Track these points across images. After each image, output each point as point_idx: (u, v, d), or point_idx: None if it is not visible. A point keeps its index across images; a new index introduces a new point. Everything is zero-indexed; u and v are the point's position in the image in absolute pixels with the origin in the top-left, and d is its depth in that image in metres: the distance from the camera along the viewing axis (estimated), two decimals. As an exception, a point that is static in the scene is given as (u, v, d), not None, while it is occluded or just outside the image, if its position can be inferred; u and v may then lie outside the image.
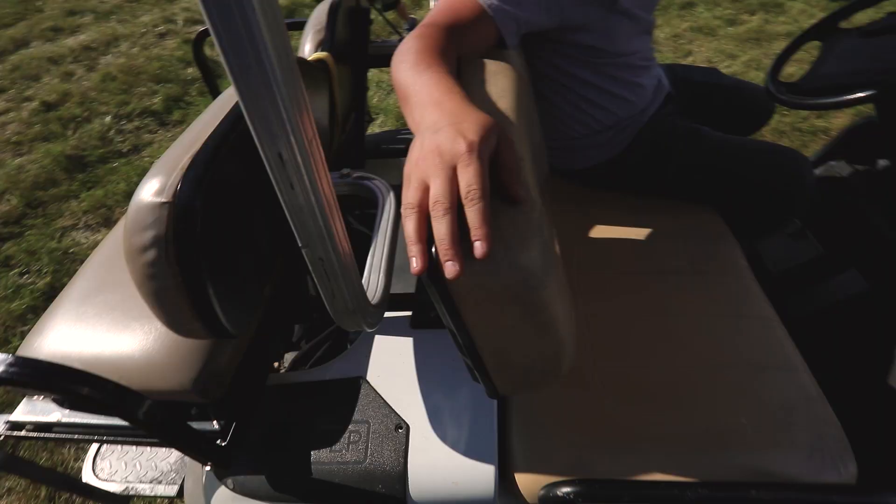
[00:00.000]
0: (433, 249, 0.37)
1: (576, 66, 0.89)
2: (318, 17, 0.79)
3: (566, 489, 0.52)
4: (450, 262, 0.36)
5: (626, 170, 1.03)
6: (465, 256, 0.36)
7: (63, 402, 0.61)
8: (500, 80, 0.59)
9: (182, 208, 0.39)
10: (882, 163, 1.15)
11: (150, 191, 0.40)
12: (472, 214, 0.36)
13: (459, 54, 0.63)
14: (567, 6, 0.76)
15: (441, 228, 0.36)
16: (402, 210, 0.39)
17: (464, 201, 0.37)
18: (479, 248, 0.36)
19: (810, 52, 1.05)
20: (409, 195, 0.39)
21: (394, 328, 0.77)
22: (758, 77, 2.87)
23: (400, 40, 1.08)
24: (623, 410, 0.68)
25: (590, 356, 0.73)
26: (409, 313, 0.79)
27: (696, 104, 1.13)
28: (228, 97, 0.52)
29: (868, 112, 1.09)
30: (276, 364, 0.95)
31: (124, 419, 0.47)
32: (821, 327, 1.15)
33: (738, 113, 1.17)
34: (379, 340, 0.75)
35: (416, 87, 0.50)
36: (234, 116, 0.47)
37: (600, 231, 0.97)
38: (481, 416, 0.65)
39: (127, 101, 2.78)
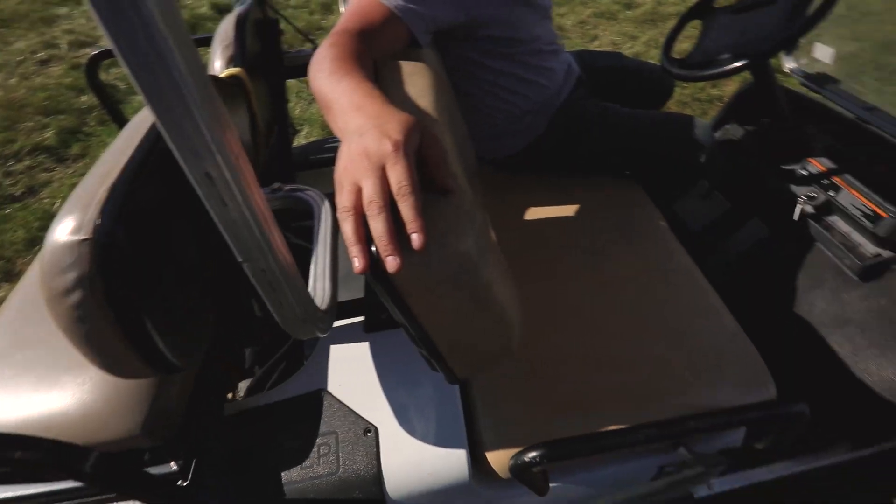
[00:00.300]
0: (373, 248, 0.38)
1: (488, 57, 0.93)
2: (224, 33, 0.77)
3: (531, 454, 0.55)
4: (390, 257, 0.37)
5: (547, 153, 1.09)
6: (404, 250, 0.37)
7: None
8: (417, 80, 0.61)
9: (103, 243, 0.37)
10: (765, 122, 1.30)
11: (66, 230, 0.38)
12: (406, 209, 0.38)
13: (374, 58, 0.64)
14: (472, 1, 0.80)
15: (378, 226, 0.38)
16: (339, 215, 0.40)
17: (396, 198, 0.38)
18: (415, 240, 0.38)
19: (696, 28, 1.17)
20: (343, 199, 0.40)
21: (348, 335, 0.77)
22: (657, 55, 3.12)
23: (314, 49, 1.07)
24: (574, 376, 0.73)
25: (537, 331, 0.77)
26: (361, 319, 0.79)
27: (604, 86, 1.22)
28: (141, 121, 0.50)
29: (749, 79, 1.23)
30: (230, 395, 0.92)
31: (71, 478, 0.44)
32: (736, 271, 1.29)
33: (643, 91, 1.27)
34: (335, 350, 0.75)
35: (336, 94, 0.51)
36: (150, 141, 0.45)
37: (531, 213, 1.03)
38: (446, 405, 0.67)
39: (12, 139, 2.49)
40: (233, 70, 0.70)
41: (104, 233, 0.37)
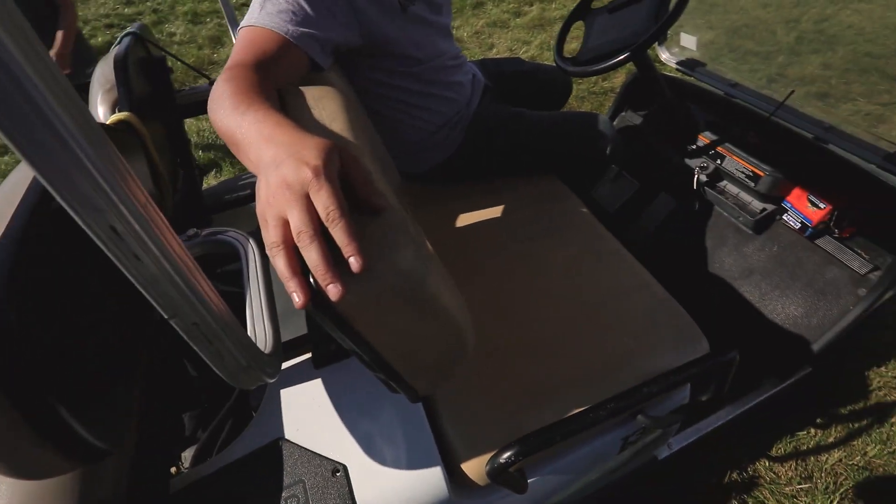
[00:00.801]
0: (311, 279, 0.36)
1: (394, 77, 0.94)
2: (104, 76, 0.70)
3: (506, 455, 0.55)
4: (331, 285, 0.36)
5: (466, 162, 1.12)
6: (344, 275, 0.36)
7: None
8: (327, 104, 0.60)
9: None
10: (655, 106, 1.43)
11: None
12: (338, 233, 0.37)
13: (276, 87, 0.62)
14: (364, 22, 0.80)
15: (312, 256, 0.36)
16: (268, 251, 0.38)
17: (326, 224, 0.37)
18: (354, 263, 0.36)
19: (581, 30, 1.27)
20: (271, 235, 0.38)
21: (297, 376, 0.72)
22: (551, 56, 3.35)
23: (210, 84, 1.01)
24: (527, 369, 0.75)
25: (482, 333, 0.79)
26: (307, 356, 0.75)
27: (509, 91, 1.28)
28: (16, 182, 0.43)
29: (634, 70, 1.36)
30: (173, 469, 0.82)
31: None
32: (654, 243, 1.40)
33: (546, 92, 1.35)
34: (286, 394, 0.71)
35: (242, 129, 0.48)
36: (30, 203, 0.39)
37: (459, 221, 1.05)
38: (411, 426, 0.66)
39: None
40: (120, 115, 0.64)
41: None
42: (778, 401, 1.18)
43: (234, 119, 0.49)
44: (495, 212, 1.05)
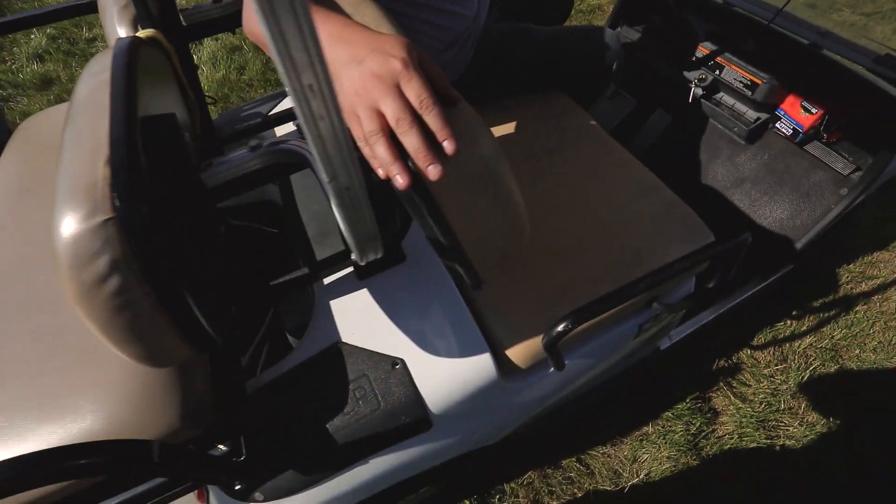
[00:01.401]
0: (409, 163, 0.40)
1: None
2: None
3: (562, 325, 0.62)
4: (431, 166, 0.39)
5: (476, 79, 1.11)
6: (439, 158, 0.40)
7: None
8: (366, 10, 0.60)
9: (129, 219, 0.34)
10: (655, 18, 1.42)
11: (78, 217, 0.34)
12: (433, 119, 0.40)
13: None
14: None
15: (413, 140, 0.39)
16: (367, 139, 0.40)
17: (420, 111, 0.40)
18: (448, 146, 0.40)
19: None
20: (367, 124, 0.40)
21: (343, 287, 0.77)
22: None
23: (214, 3, 0.95)
24: (556, 268, 0.82)
25: None
26: (349, 270, 0.80)
27: (511, 7, 1.25)
28: (93, 90, 0.44)
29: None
30: None
31: (143, 472, 0.42)
32: (650, 159, 1.46)
33: (547, 8, 1.31)
34: (335, 304, 0.76)
35: None
36: (121, 109, 0.40)
37: None
38: (458, 320, 0.72)
39: None
40: (148, 31, 0.61)
41: (127, 208, 0.34)
42: (760, 296, 1.31)
43: None
44: (509, 128, 1.07)
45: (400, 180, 0.40)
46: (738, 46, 1.26)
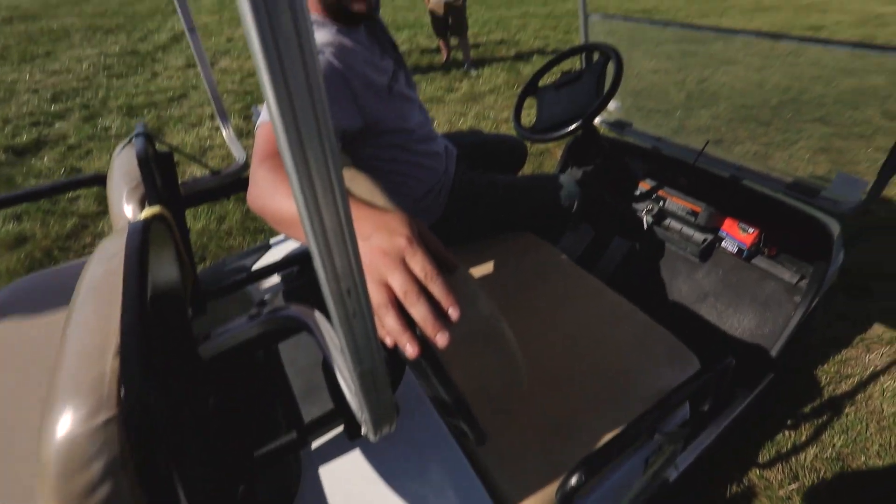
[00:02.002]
0: (416, 331, 0.41)
1: (384, 150, 1.04)
2: (127, 175, 0.72)
3: (574, 477, 0.59)
4: (439, 335, 0.41)
5: (451, 224, 1.22)
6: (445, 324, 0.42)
7: None
8: (360, 182, 0.67)
9: (135, 415, 0.33)
10: (598, 162, 1.65)
11: (79, 417, 0.32)
12: (437, 289, 0.43)
13: None
14: (362, 106, 0.90)
15: (422, 311, 0.41)
16: (376, 311, 0.42)
17: (425, 282, 0.43)
18: (453, 313, 0.42)
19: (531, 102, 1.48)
20: (376, 297, 0.43)
21: (333, 450, 0.72)
22: (487, 125, 3.69)
23: (213, 175, 1.05)
24: (549, 407, 0.81)
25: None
26: (339, 429, 0.76)
27: (473, 160, 1.43)
28: (101, 280, 0.45)
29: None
30: None
31: None
32: (616, 285, 1.55)
33: (505, 159, 1.51)
34: (325, 471, 0.70)
35: None
36: (133, 297, 0.41)
37: None
38: (461, 479, 0.67)
39: None
40: (154, 209, 0.66)
41: (134, 404, 0.33)
42: (752, 409, 1.30)
43: None
44: (488, 268, 1.13)
45: (410, 350, 0.41)
46: (673, 181, 1.46)
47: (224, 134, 1.15)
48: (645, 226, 1.47)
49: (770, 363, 1.25)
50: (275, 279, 1.13)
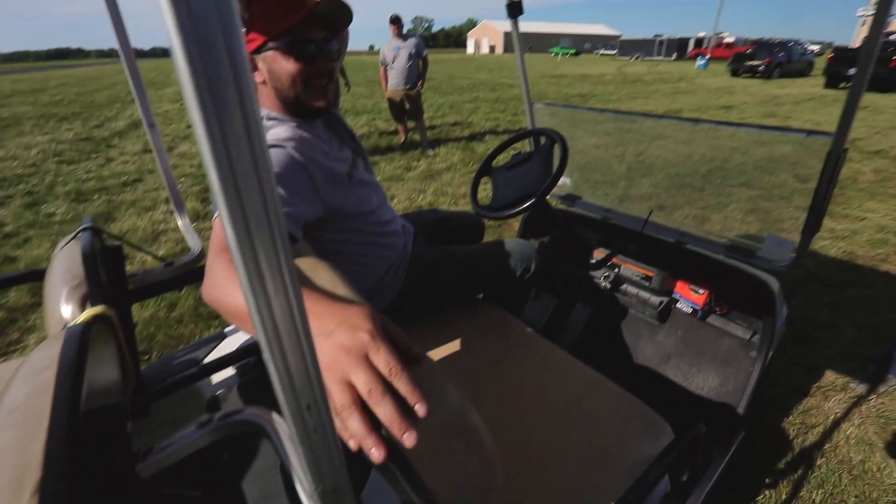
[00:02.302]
0: (382, 431, 0.39)
1: (345, 233, 1.05)
2: (68, 273, 0.68)
3: None
4: (406, 434, 0.39)
5: (413, 298, 1.21)
6: (411, 422, 0.40)
7: None
8: (322, 273, 0.66)
9: None
10: (555, 233, 1.73)
11: None
12: (402, 385, 0.41)
13: None
14: (323, 195, 0.92)
15: (387, 410, 0.39)
16: (339, 413, 0.40)
17: (390, 379, 0.41)
18: (420, 409, 0.40)
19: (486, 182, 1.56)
20: (338, 397, 0.40)
21: None
22: (445, 201, 3.83)
23: (166, 266, 1.01)
24: (526, 488, 0.76)
25: None
26: None
27: (434, 237, 1.46)
28: (36, 389, 0.40)
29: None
30: None
31: None
32: (581, 350, 1.56)
33: (464, 234, 1.55)
34: None
35: None
36: (65, 409, 0.36)
37: (432, 357, 1.10)
38: None
39: None
40: (96, 310, 0.62)
41: None
42: (729, 472, 1.28)
43: None
44: (455, 345, 1.12)
45: (376, 453, 0.38)
46: (625, 249, 1.54)
47: (179, 223, 1.13)
48: (604, 292, 1.52)
49: (740, 421, 1.26)
50: (229, 372, 1.06)
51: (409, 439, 0.39)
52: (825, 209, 1.05)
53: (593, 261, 1.58)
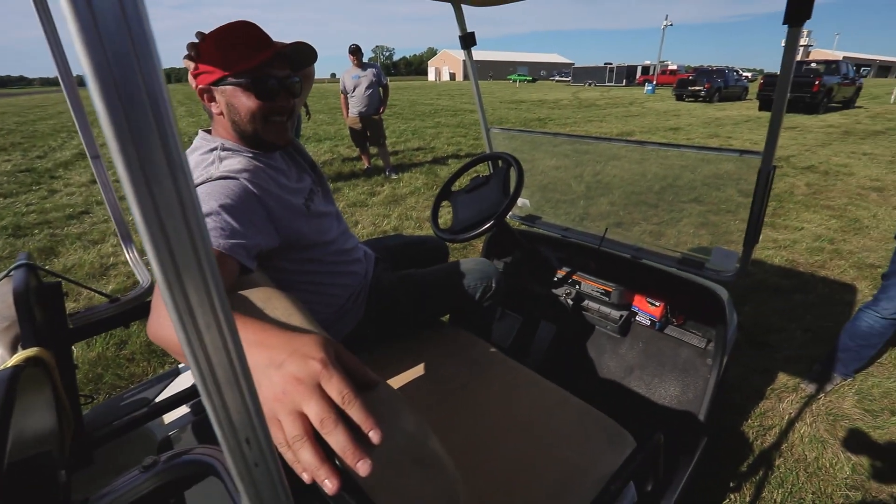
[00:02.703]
0: (335, 461, 0.38)
1: (304, 264, 1.02)
2: None
3: None
4: (360, 462, 0.38)
5: (375, 324, 1.19)
6: (365, 450, 0.39)
7: None
8: (276, 303, 0.65)
9: None
10: (517, 253, 1.76)
11: None
12: (356, 413, 0.40)
13: None
14: (279, 226, 0.90)
15: (340, 439, 0.38)
16: (291, 444, 0.39)
17: (343, 406, 0.40)
18: (374, 436, 0.40)
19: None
20: (290, 429, 0.39)
21: None
22: (410, 225, 3.84)
23: (112, 300, 0.96)
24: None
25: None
26: None
27: (397, 262, 1.45)
28: None
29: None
30: None
31: None
32: (548, 367, 1.58)
33: (428, 257, 1.55)
34: None
35: None
36: None
37: (395, 383, 1.08)
38: None
39: None
40: (28, 352, 0.57)
41: None
42: (695, 478, 1.31)
43: None
44: (419, 370, 1.10)
45: (329, 484, 0.37)
46: (584, 266, 1.59)
47: (127, 256, 1.08)
48: (567, 309, 1.55)
49: (701, 428, 1.30)
50: (184, 410, 1.01)
51: (363, 467, 0.38)
52: (762, 221, 1.12)
53: (555, 279, 1.62)
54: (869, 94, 20.84)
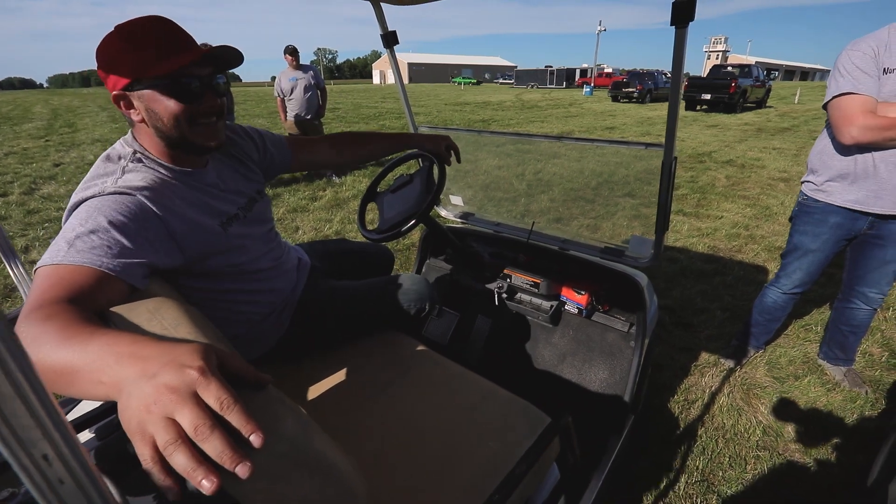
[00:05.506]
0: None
1: (217, 282, 0.95)
2: None
3: None
4: (239, 465, 0.37)
5: (299, 339, 1.13)
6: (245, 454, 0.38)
7: None
8: (165, 314, 0.62)
9: None
10: (449, 251, 1.78)
11: None
12: (236, 417, 0.39)
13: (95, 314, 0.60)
14: (185, 246, 0.82)
15: (215, 445, 0.37)
16: (164, 450, 0.37)
17: (222, 412, 0.39)
18: (255, 440, 0.39)
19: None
20: (162, 436, 0.37)
21: None
22: (352, 228, 3.79)
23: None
24: (423, 496, 0.76)
25: (371, 481, 0.78)
26: None
27: (339, 269, 1.41)
28: None
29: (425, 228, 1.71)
30: None
31: None
32: (486, 357, 1.61)
33: (372, 264, 1.51)
34: None
35: (88, 357, 0.46)
36: None
37: (312, 392, 1.05)
38: None
39: None
40: None
41: None
42: (624, 455, 1.38)
43: (70, 351, 0.48)
44: (342, 374, 1.09)
45: (207, 484, 0.36)
46: (514, 259, 1.63)
47: (11, 273, 0.98)
48: (497, 302, 1.59)
49: (627, 407, 1.37)
50: (87, 436, 0.93)
51: (242, 470, 0.37)
52: (669, 209, 1.20)
53: (489, 273, 1.65)
54: (777, 95, 23.02)
